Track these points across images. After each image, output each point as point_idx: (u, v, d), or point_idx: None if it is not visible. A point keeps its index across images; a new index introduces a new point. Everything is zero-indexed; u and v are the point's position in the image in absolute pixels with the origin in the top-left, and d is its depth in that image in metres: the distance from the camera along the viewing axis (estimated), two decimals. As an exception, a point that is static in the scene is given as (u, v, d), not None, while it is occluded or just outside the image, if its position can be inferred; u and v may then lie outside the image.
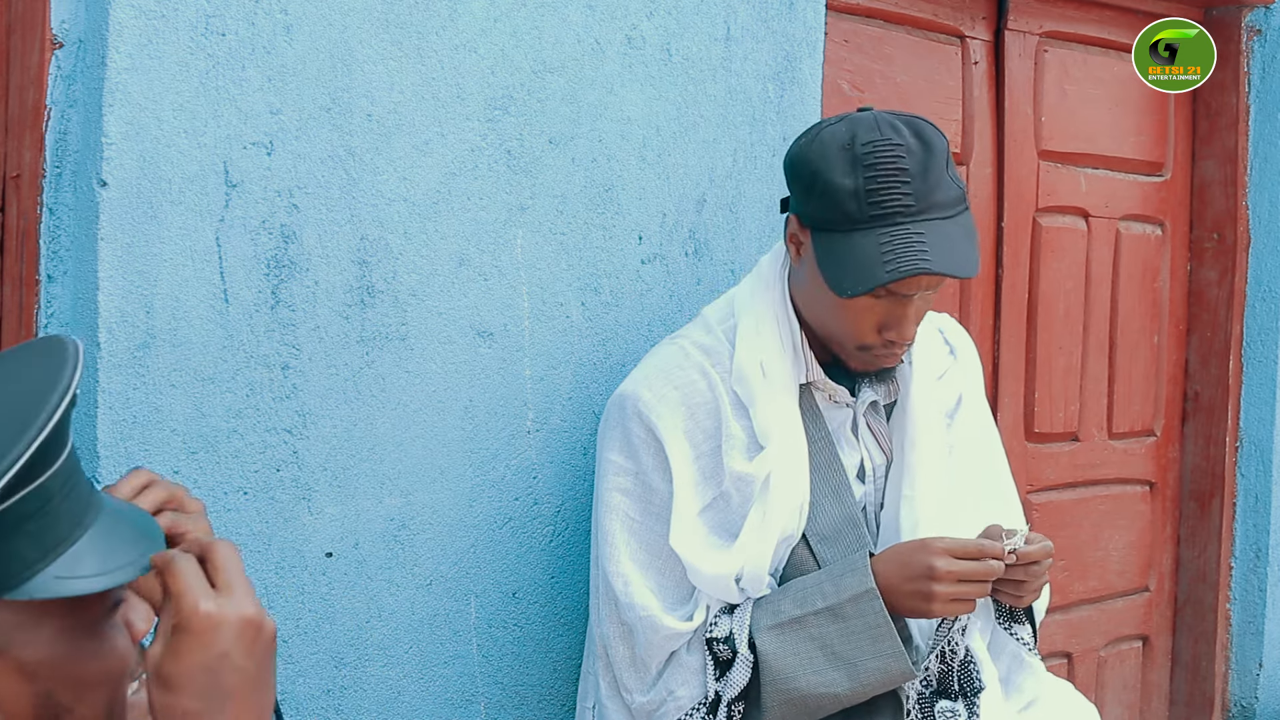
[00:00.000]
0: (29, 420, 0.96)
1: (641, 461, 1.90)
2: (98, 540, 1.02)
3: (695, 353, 1.94)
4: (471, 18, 1.99)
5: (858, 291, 1.78)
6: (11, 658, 0.98)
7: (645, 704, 1.88)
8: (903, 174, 1.77)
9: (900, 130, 1.79)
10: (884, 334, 1.84)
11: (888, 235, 1.76)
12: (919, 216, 1.77)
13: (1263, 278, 3.48)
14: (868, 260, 1.76)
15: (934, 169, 1.78)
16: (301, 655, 1.89)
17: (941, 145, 1.81)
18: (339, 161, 1.87)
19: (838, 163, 1.79)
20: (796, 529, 1.88)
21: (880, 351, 1.87)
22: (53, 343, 1.04)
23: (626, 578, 1.88)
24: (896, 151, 1.77)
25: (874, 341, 1.86)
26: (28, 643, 0.99)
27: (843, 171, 1.78)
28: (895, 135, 1.78)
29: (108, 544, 1.02)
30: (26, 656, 0.99)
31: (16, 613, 0.98)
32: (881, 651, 1.79)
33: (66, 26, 1.71)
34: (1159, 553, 3.57)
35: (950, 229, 1.79)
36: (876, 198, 1.76)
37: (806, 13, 2.43)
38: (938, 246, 1.76)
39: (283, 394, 1.84)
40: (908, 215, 1.76)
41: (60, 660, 1.00)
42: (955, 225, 1.80)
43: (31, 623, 0.99)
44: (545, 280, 2.10)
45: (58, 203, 1.73)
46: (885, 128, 1.79)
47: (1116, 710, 3.49)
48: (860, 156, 1.77)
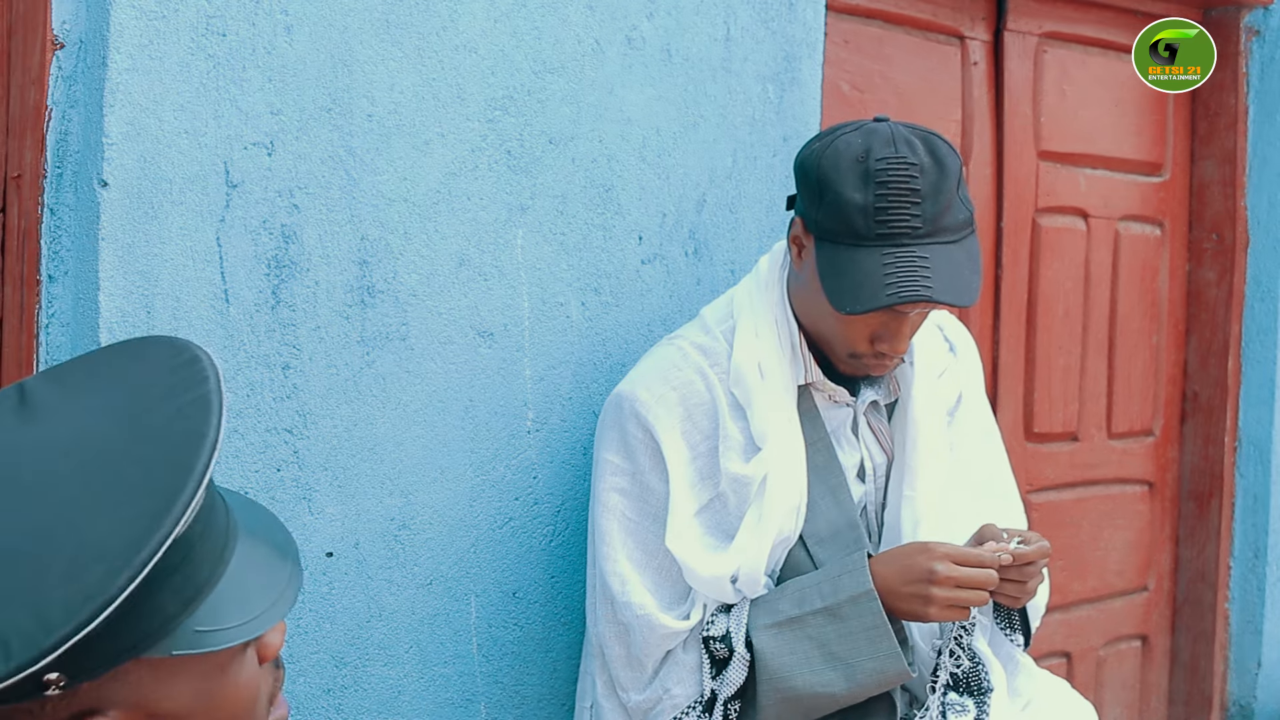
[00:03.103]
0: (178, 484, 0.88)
1: (638, 462, 1.90)
2: (238, 578, 0.96)
3: (693, 353, 1.94)
4: (472, 18, 1.99)
5: (856, 311, 1.77)
6: (147, 710, 0.93)
7: (641, 703, 1.88)
8: (914, 194, 1.75)
9: (916, 148, 1.77)
10: (876, 345, 1.84)
11: (892, 257, 1.75)
12: (925, 240, 1.76)
13: (1261, 278, 3.48)
14: (869, 280, 1.75)
15: (945, 190, 1.77)
16: (301, 655, 1.89)
17: (955, 166, 1.79)
18: (339, 161, 1.88)
19: (850, 175, 1.77)
20: (793, 530, 1.88)
21: (870, 361, 1.87)
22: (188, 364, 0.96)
23: (623, 577, 1.88)
24: (910, 171, 1.76)
25: (865, 351, 1.86)
26: (165, 697, 0.94)
27: (854, 186, 1.77)
28: (910, 154, 1.76)
29: (249, 580, 0.96)
30: (162, 709, 0.94)
31: (154, 668, 0.93)
32: (879, 652, 1.79)
33: (67, 27, 1.71)
34: (1158, 552, 3.57)
35: (956, 254, 1.78)
36: (885, 216, 1.75)
37: (806, 13, 2.43)
38: (941, 273, 1.75)
39: (283, 394, 1.85)
40: (914, 238, 1.75)
41: (198, 708, 0.96)
42: (961, 250, 1.79)
43: (168, 676, 0.94)
44: (545, 280, 2.10)
45: (59, 203, 1.73)
46: (901, 144, 1.77)
47: (1116, 709, 3.49)
48: (874, 173, 1.76)
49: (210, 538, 0.95)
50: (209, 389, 0.94)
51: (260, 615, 0.96)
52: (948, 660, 1.88)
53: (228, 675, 0.97)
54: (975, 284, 1.80)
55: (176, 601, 0.91)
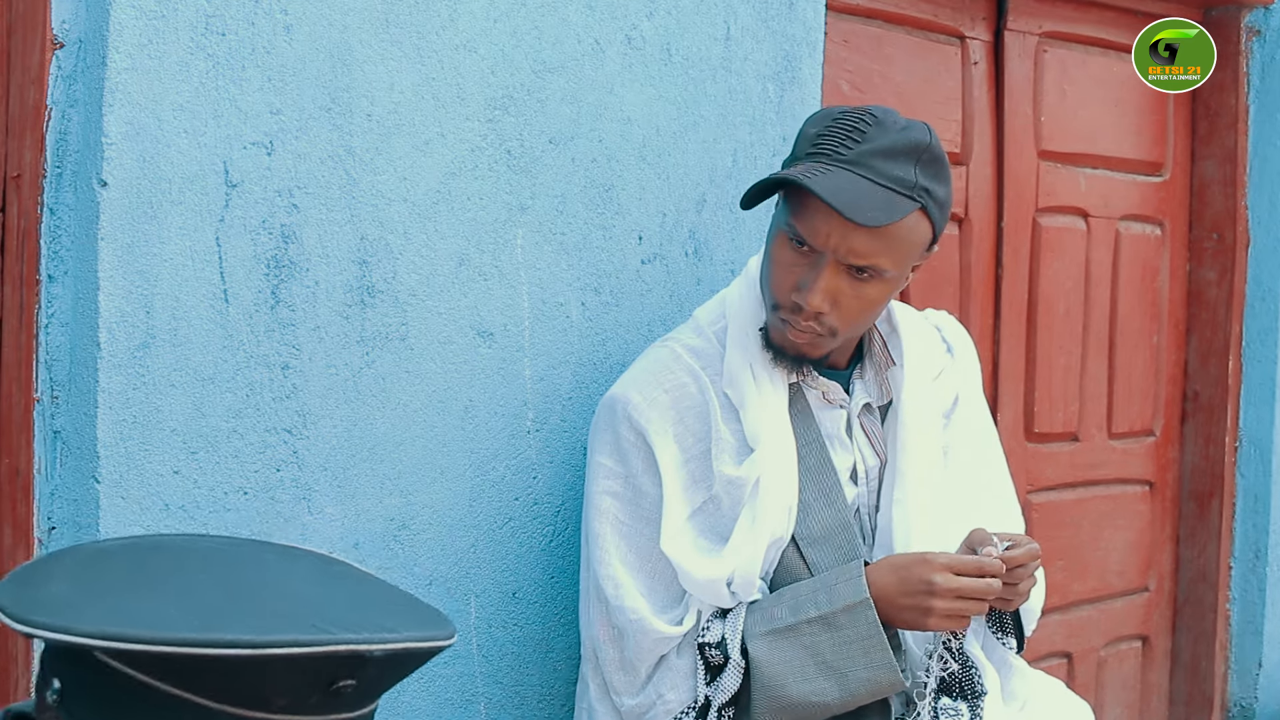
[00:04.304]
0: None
1: (631, 465, 1.90)
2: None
3: (686, 355, 1.93)
4: (472, 18, 1.99)
5: (747, 195, 1.80)
6: None
7: (634, 707, 1.88)
8: (855, 133, 1.76)
9: (891, 114, 1.79)
10: (793, 296, 1.81)
11: (805, 165, 1.77)
12: (846, 165, 1.75)
13: (1262, 277, 3.48)
14: (772, 179, 1.79)
15: (895, 150, 1.75)
16: (301, 655, 1.89)
17: (921, 143, 1.77)
18: (339, 161, 1.87)
19: (816, 119, 1.83)
20: (786, 531, 1.87)
21: (787, 315, 1.83)
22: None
23: (617, 581, 1.87)
24: (865, 119, 1.77)
25: (785, 302, 1.82)
26: None
27: (813, 123, 1.83)
28: (885, 115, 1.78)
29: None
30: None
31: None
32: (873, 663, 1.78)
33: (67, 27, 1.71)
34: (1158, 553, 3.57)
35: (869, 188, 1.74)
36: (820, 141, 1.78)
37: (806, 13, 2.43)
38: (841, 188, 1.72)
39: (283, 394, 1.84)
40: (834, 160, 1.76)
41: None
42: (878, 190, 1.74)
43: None
44: (545, 280, 2.10)
45: (58, 203, 1.73)
46: (878, 109, 1.80)
47: (1116, 710, 3.49)
48: (836, 116, 1.80)
49: None
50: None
51: None
52: (936, 665, 1.87)
53: None
54: (871, 212, 1.72)
55: None
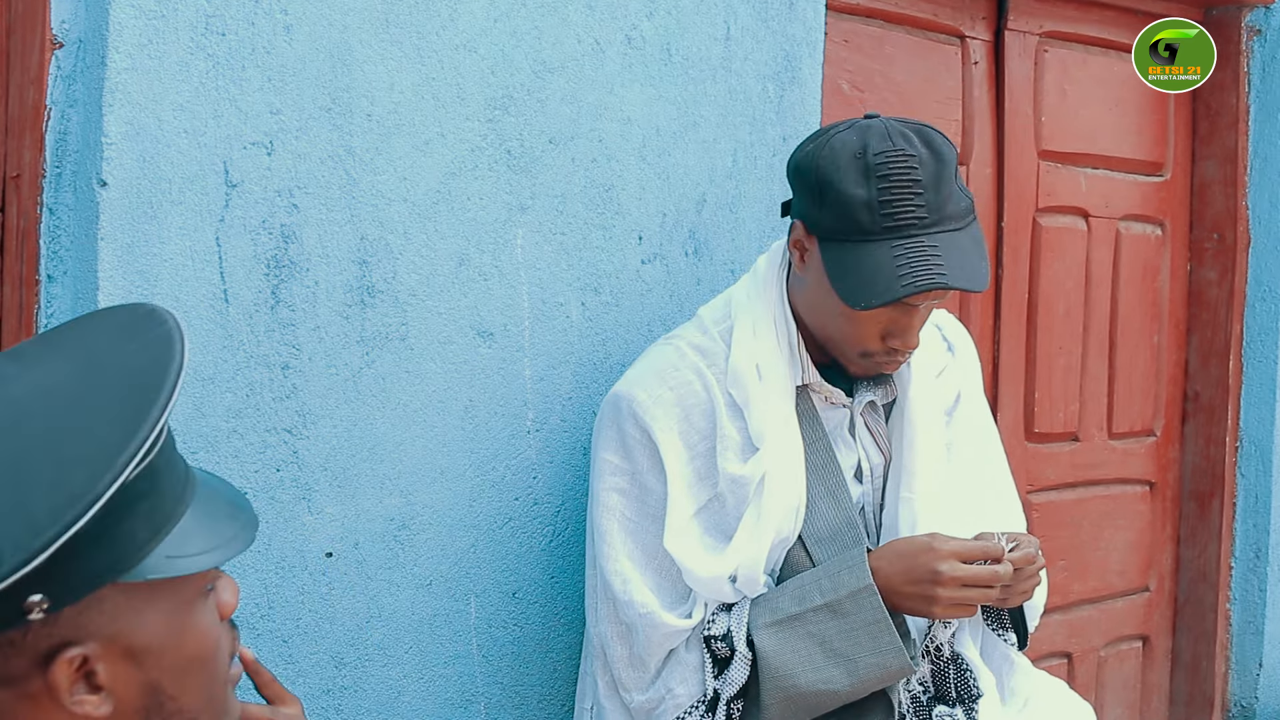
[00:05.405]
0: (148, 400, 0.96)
1: (636, 462, 1.90)
2: (199, 515, 1.04)
3: (691, 353, 1.93)
4: (472, 18, 1.99)
5: (873, 305, 1.76)
6: (122, 643, 1.00)
7: (644, 702, 1.88)
8: (916, 185, 1.75)
9: (912, 140, 1.77)
10: (888, 341, 1.84)
11: (902, 248, 1.74)
12: (932, 229, 1.76)
13: (1263, 278, 3.48)
14: (883, 273, 1.74)
15: (945, 179, 1.78)
16: (301, 655, 1.89)
17: (951, 155, 1.80)
18: (339, 161, 1.87)
19: (850, 172, 1.77)
20: (792, 531, 1.88)
21: (882, 358, 1.87)
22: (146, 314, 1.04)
23: (625, 576, 1.87)
24: (910, 162, 1.76)
25: (877, 349, 1.85)
26: (137, 626, 1.00)
27: (855, 182, 1.76)
28: (908, 146, 1.76)
29: (209, 519, 1.04)
30: (136, 640, 1.00)
31: (129, 595, 1.00)
32: (880, 648, 1.79)
33: (66, 26, 1.71)
34: (1159, 552, 3.57)
35: (963, 240, 1.78)
36: (890, 209, 1.75)
37: (806, 13, 2.43)
38: (951, 259, 1.75)
39: (283, 394, 1.84)
40: (921, 227, 1.75)
41: (166, 643, 1.02)
42: (966, 236, 1.79)
43: (141, 604, 1.00)
44: (545, 280, 2.10)
45: (58, 203, 1.73)
46: (897, 138, 1.77)
47: (1116, 710, 3.49)
48: (873, 167, 1.75)
49: (173, 471, 1.03)
50: (169, 328, 1.02)
51: (223, 545, 1.04)
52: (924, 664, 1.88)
53: (194, 613, 1.05)
54: (984, 269, 1.80)
55: (147, 528, 0.99)
